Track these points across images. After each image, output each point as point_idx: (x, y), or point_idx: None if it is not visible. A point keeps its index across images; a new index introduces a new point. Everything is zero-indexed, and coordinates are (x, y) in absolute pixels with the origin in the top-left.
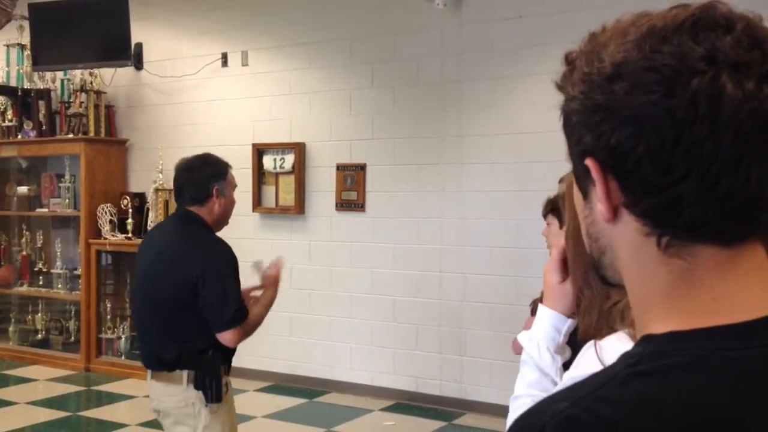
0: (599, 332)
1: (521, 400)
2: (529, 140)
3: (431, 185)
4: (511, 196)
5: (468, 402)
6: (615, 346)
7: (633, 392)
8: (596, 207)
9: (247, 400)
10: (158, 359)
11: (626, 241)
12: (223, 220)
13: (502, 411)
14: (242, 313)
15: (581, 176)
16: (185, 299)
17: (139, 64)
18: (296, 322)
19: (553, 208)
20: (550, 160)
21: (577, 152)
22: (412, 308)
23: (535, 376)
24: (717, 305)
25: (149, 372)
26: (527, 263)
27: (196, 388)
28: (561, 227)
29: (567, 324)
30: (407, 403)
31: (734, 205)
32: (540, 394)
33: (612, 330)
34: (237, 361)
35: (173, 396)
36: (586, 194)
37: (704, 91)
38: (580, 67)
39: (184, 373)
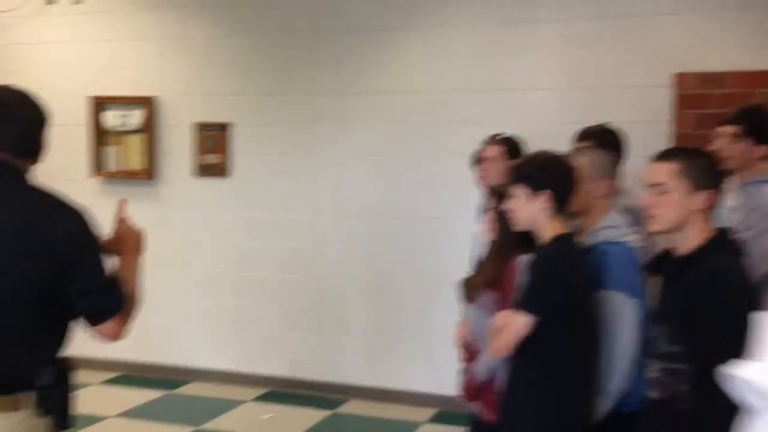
0: None
1: None
2: (414, 100)
3: (307, 148)
4: (395, 161)
5: (350, 387)
6: None
7: None
8: None
9: (92, 395)
10: None
11: None
12: None
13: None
14: None
15: None
16: None
17: None
18: (147, 303)
19: (522, 176)
20: (438, 122)
21: None
22: (284, 286)
23: None
24: None
25: None
26: (412, 233)
27: None
28: (533, 199)
29: None
30: (283, 391)
31: None
32: None
33: None
34: (75, 350)
35: None
36: None
37: None
38: None
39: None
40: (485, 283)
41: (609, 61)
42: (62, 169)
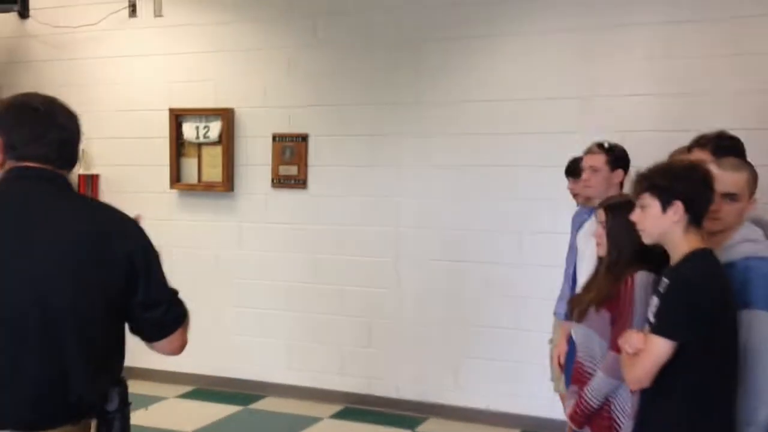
0: None
1: None
2: (496, 109)
3: (386, 159)
4: (476, 172)
5: (429, 405)
6: None
7: None
8: None
9: (168, 409)
10: None
11: None
12: None
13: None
14: None
15: None
16: None
17: (24, 11)
18: (224, 316)
19: (653, 184)
20: (520, 132)
21: None
22: (362, 300)
23: None
24: None
25: None
26: (494, 247)
27: None
28: (665, 210)
29: None
30: (359, 408)
31: None
32: None
33: None
34: (149, 363)
35: None
36: None
37: None
38: None
39: None
40: (596, 301)
41: (714, 66)
42: (143, 180)
